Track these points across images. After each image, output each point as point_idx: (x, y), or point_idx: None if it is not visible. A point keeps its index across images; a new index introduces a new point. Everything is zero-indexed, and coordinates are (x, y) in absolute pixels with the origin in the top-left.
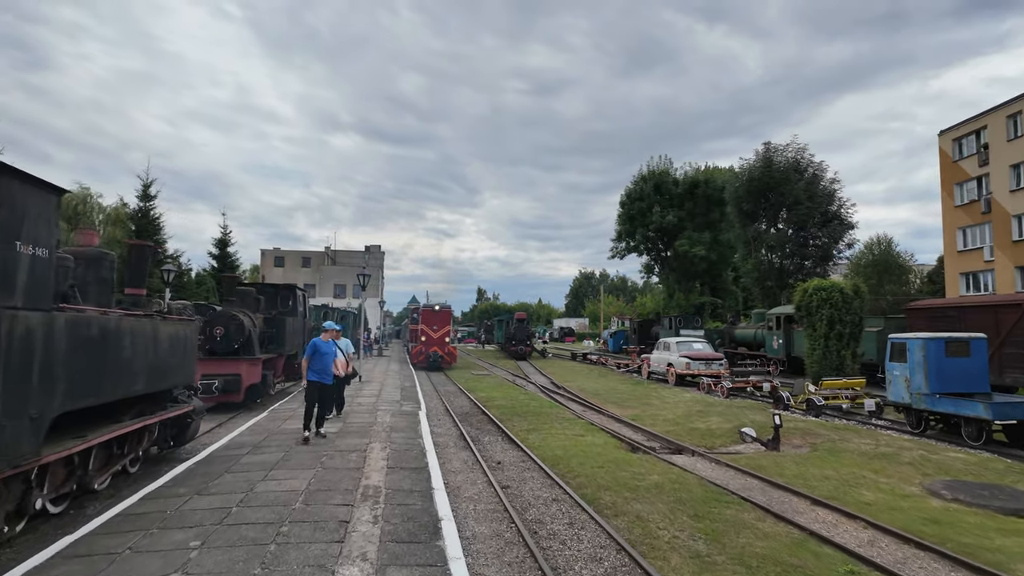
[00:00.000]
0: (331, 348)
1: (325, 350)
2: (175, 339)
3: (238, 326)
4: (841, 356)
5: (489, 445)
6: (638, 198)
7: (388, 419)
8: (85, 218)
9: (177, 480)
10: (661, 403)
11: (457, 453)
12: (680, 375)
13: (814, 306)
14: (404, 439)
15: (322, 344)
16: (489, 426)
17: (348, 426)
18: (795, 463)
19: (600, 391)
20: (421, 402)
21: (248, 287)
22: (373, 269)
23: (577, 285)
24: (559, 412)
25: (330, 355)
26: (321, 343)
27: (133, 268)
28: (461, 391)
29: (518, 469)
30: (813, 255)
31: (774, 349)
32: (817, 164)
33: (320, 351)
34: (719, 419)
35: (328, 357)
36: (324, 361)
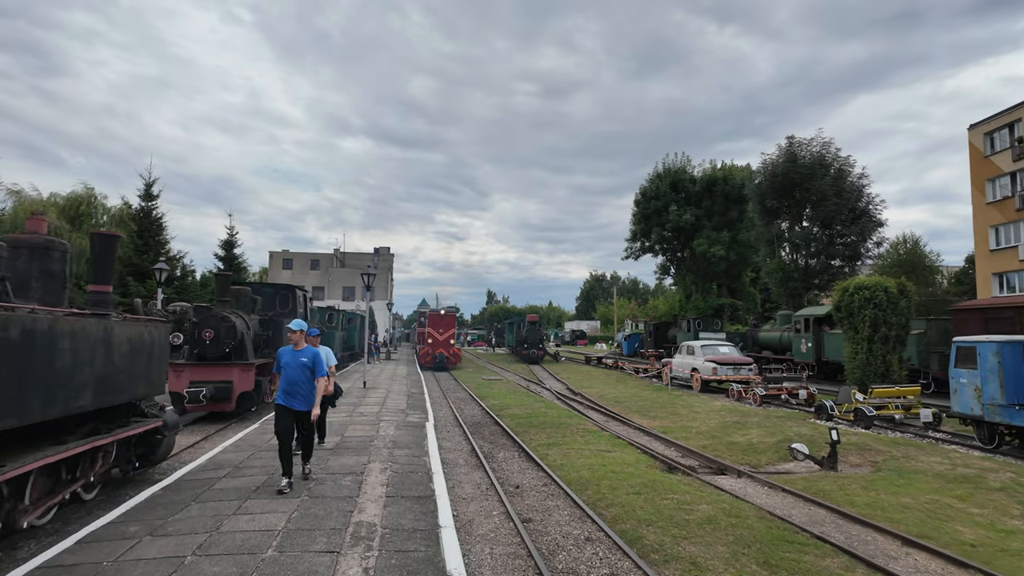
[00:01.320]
0: (299, 360)
1: (290, 361)
2: (137, 343)
3: (229, 328)
4: (887, 361)
5: (505, 463)
6: (654, 196)
7: (392, 432)
8: (88, 219)
9: (132, 513)
10: (690, 412)
11: (469, 474)
12: (706, 381)
13: (856, 306)
14: (408, 457)
15: (286, 354)
16: (503, 439)
17: (345, 441)
18: (862, 487)
19: (621, 398)
20: (429, 411)
21: (243, 286)
22: (382, 271)
23: (588, 287)
24: (580, 423)
25: (299, 369)
26: (287, 353)
27: (98, 261)
28: (472, 398)
29: (540, 495)
30: (841, 254)
31: (802, 353)
32: (844, 159)
33: (285, 363)
34: (759, 432)
35: (296, 372)
36: (290, 377)
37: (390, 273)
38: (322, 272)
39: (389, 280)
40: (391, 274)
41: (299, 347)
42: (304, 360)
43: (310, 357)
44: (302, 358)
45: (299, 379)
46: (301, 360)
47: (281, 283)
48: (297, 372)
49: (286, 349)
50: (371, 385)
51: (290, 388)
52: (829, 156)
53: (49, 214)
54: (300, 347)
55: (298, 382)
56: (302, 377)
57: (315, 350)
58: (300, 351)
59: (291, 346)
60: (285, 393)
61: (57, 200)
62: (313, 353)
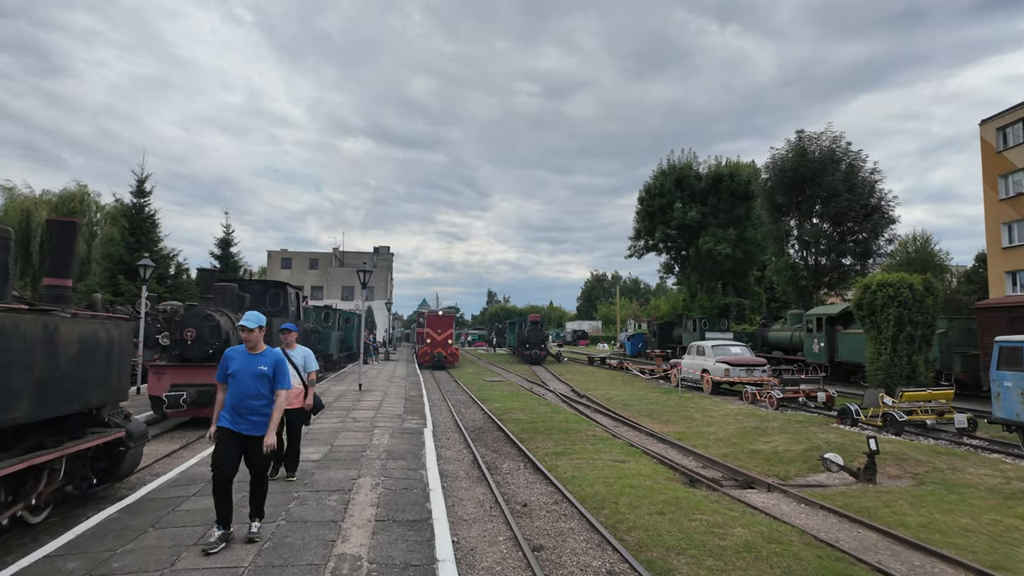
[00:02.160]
0: (257, 365)
1: (242, 368)
2: (91, 344)
3: (213, 328)
4: (912, 362)
5: (510, 475)
6: (658, 194)
7: (386, 440)
8: (82, 217)
9: (77, 543)
10: (704, 417)
11: (470, 489)
12: (717, 383)
13: (878, 304)
14: (403, 470)
15: (236, 358)
16: (507, 447)
17: (335, 451)
18: (910, 504)
19: (629, 401)
20: (427, 416)
21: (229, 283)
22: (382, 271)
23: (589, 287)
24: (588, 428)
25: (255, 379)
26: (238, 357)
27: (55, 252)
28: (473, 400)
29: (551, 516)
30: (852, 251)
31: (814, 353)
32: (855, 154)
33: (235, 371)
34: (783, 438)
35: (250, 383)
36: (241, 389)
37: (390, 272)
38: (321, 272)
39: (389, 280)
40: (391, 273)
41: (256, 350)
42: (262, 368)
43: (271, 363)
44: (260, 365)
45: (253, 393)
46: (259, 368)
47: (272, 280)
48: (251, 383)
49: (236, 351)
50: (367, 387)
51: (239, 405)
52: (840, 151)
53: (40, 212)
54: (258, 350)
55: (251, 397)
56: (258, 390)
57: (278, 354)
58: (258, 355)
59: (243, 347)
60: (233, 411)
61: (50, 198)
62: (275, 359)
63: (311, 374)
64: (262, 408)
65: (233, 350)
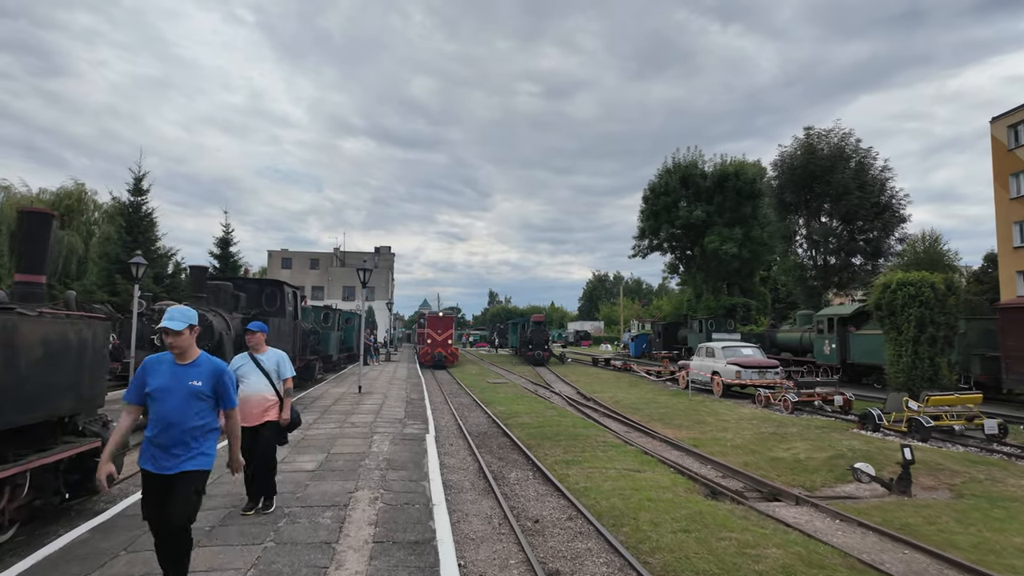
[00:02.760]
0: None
1: (168, 385)
2: (59, 346)
3: (205, 329)
4: (934, 364)
5: (519, 487)
6: (663, 192)
7: (386, 448)
8: (79, 215)
9: (38, 569)
10: (718, 421)
11: (476, 502)
12: (728, 385)
13: (899, 304)
14: (404, 482)
15: (160, 371)
16: (514, 454)
17: (331, 460)
18: (955, 520)
19: (638, 404)
20: (429, 420)
21: (224, 281)
22: (383, 270)
23: (591, 288)
24: (598, 434)
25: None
26: (164, 370)
27: (27, 245)
28: (476, 403)
29: (566, 533)
30: (862, 250)
31: (825, 355)
32: (865, 151)
33: (157, 388)
34: (804, 445)
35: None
36: (166, 414)
37: (391, 273)
38: (322, 272)
39: (390, 280)
40: (392, 274)
41: (186, 358)
42: (195, 384)
43: (209, 376)
44: (192, 380)
45: (182, 419)
46: (190, 384)
47: (268, 278)
48: (180, 405)
49: (158, 360)
50: (367, 390)
51: (164, 436)
52: (849, 148)
53: None
54: (188, 358)
55: (180, 426)
56: (189, 415)
57: (217, 366)
58: (189, 366)
59: (169, 356)
60: (155, 446)
61: (47, 197)
62: (214, 370)
63: (287, 381)
64: (196, 439)
65: (154, 360)
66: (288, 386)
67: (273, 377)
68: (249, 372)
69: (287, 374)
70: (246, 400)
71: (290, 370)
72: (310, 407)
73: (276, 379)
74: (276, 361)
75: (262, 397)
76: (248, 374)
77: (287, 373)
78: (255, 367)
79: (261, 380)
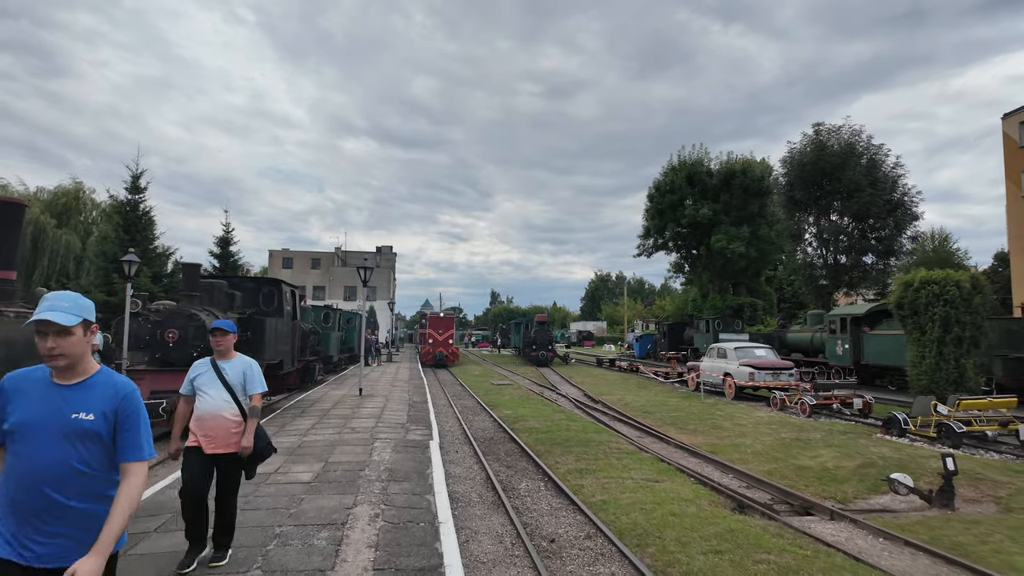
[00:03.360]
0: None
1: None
2: (22, 349)
3: (198, 328)
4: (960, 366)
5: (530, 499)
6: (669, 190)
7: (388, 456)
8: (76, 214)
9: None
10: (734, 426)
11: (486, 518)
12: (740, 387)
13: (922, 303)
14: (407, 495)
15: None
16: (523, 462)
17: (328, 470)
18: (1009, 537)
19: (648, 407)
20: (433, 425)
21: (218, 279)
22: (384, 270)
23: (593, 288)
24: (611, 440)
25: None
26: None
27: None
28: (481, 406)
29: (586, 556)
30: (874, 249)
31: (838, 356)
32: (877, 147)
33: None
34: (829, 452)
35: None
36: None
37: (392, 272)
38: (323, 271)
39: (391, 279)
40: (393, 273)
41: (71, 376)
42: (84, 418)
43: (104, 405)
44: (77, 410)
45: (55, 472)
46: (73, 416)
47: (265, 276)
48: (54, 455)
49: (24, 378)
50: (368, 392)
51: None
52: (860, 145)
53: (33, 209)
54: (77, 376)
55: (53, 482)
56: (68, 467)
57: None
58: (75, 387)
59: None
60: (14, 515)
61: (44, 195)
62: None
63: (254, 398)
64: (78, 509)
65: (18, 377)
66: (256, 404)
67: (237, 391)
68: (208, 383)
69: (255, 389)
70: (201, 420)
71: (259, 384)
72: (308, 410)
73: (241, 394)
74: (242, 371)
75: (221, 417)
76: (207, 386)
77: (256, 388)
78: (215, 377)
79: (221, 395)
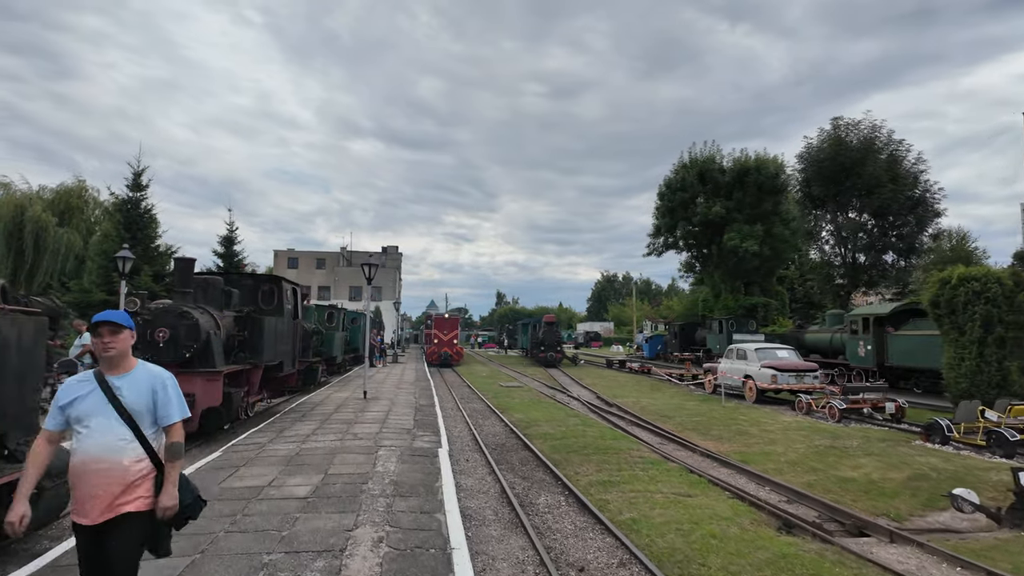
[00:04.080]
0: None
1: None
2: None
3: (191, 327)
4: (1003, 369)
5: (550, 515)
6: (680, 188)
7: (393, 466)
8: (79, 213)
9: None
10: (761, 432)
11: (503, 540)
12: (762, 390)
13: (960, 302)
14: (415, 514)
15: None
16: (539, 472)
17: (328, 484)
18: None
19: (666, 411)
20: (441, 430)
21: (214, 276)
22: (390, 270)
23: (599, 288)
24: (631, 448)
25: None
26: None
27: None
28: (490, 409)
29: None
30: (894, 246)
31: (860, 357)
32: (897, 142)
33: None
34: (872, 462)
35: None
36: None
37: (398, 273)
38: (328, 271)
39: (397, 280)
40: (399, 274)
41: None
42: None
43: None
44: None
45: None
46: None
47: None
48: None
49: None
50: (372, 395)
51: None
52: (881, 140)
53: (35, 207)
54: None
55: None
56: None
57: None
58: None
59: None
60: None
61: (46, 194)
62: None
63: (172, 430)
64: None
65: None
66: (175, 440)
67: (142, 421)
68: (93, 411)
69: (172, 416)
70: (81, 472)
71: (177, 408)
72: (309, 414)
73: (148, 424)
74: (149, 389)
75: (114, 462)
76: (91, 415)
77: (172, 414)
78: (104, 401)
79: (114, 428)
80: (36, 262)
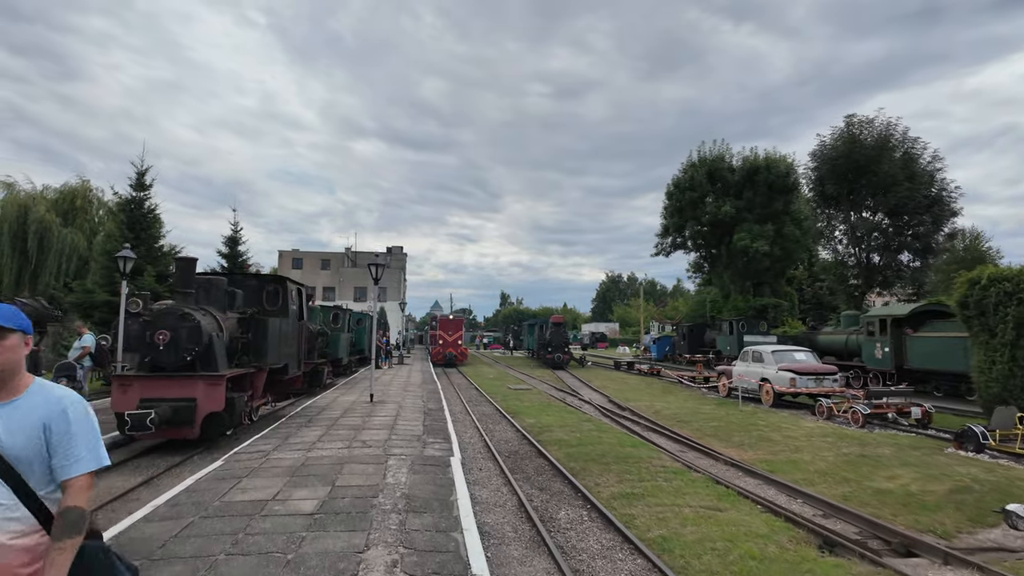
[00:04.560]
0: None
1: None
2: None
3: (192, 329)
4: None
5: (574, 533)
6: (688, 187)
7: (404, 477)
8: (83, 213)
9: None
10: (784, 439)
11: (526, 562)
12: (779, 394)
13: (991, 303)
14: (430, 532)
15: None
16: (557, 482)
17: (336, 497)
18: None
19: (682, 416)
20: (452, 436)
21: (217, 276)
22: (395, 271)
23: (604, 289)
24: (651, 456)
25: None
26: None
27: None
28: (500, 413)
29: None
30: (910, 246)
31: (876, 359)
32: (912, 140)
33: None
34: (908, 472)
35: None
36: None
37: (403, 273)
38: (333, 272)
39: (402, 280)
40: (404, 274)
41: None
42: None
43: None
44: None
45: None
46: None
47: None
48: None
49: None
50: (379, 398)
51: None
52: (896, 138)
53: (39, 207)
54: None
55: None
56: None
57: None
58: None
59: None
60: None
61: (50, 194)
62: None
63: (71, 485)
64: None
65: None
66: (75, 504)
67: (29, 473)
68: None
69: (76, 467)
70: None
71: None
72: (315, 419)
73: (40, 479)
74: (40, 423)
75: None
76: None
77: (78, 464)
78: None
79: None
80: (40, 262)
